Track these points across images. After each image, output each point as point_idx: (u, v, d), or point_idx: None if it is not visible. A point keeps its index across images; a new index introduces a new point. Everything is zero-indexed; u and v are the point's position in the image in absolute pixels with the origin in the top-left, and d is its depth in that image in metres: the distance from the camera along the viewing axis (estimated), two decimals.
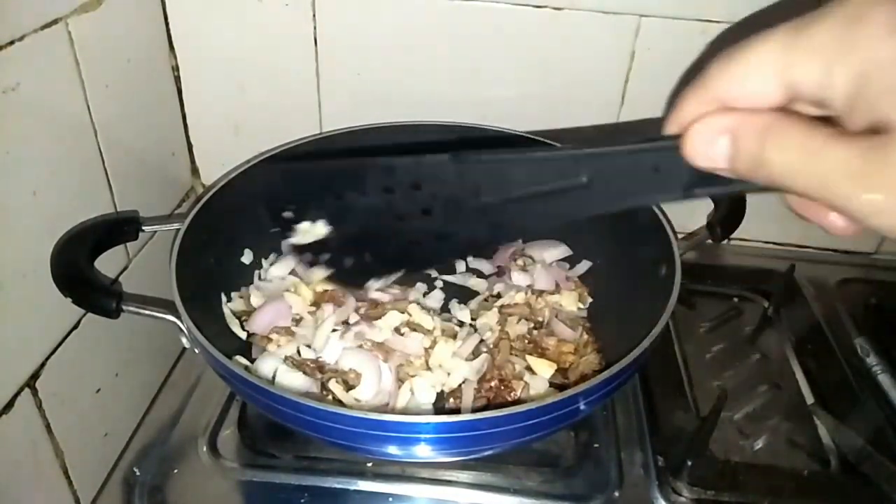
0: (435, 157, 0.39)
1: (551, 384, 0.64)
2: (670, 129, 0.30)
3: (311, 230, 0.44)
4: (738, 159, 0.27)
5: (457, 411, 0.62)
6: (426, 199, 0.39)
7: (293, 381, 0.62)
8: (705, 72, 0.28)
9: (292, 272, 0.74)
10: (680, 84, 0.77)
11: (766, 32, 0.26)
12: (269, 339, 0.66)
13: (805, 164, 0.25)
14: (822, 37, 0.24)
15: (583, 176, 0.33)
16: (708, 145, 0.28)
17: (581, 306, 0.73)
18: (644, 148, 0.31)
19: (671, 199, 0.31)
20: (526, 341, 0.68)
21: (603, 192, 0.33)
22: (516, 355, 0.66)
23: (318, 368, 0.64)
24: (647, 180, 0.31)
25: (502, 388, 0.62)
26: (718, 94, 0.28)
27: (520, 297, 0.72)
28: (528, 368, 0.65)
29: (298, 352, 0.65)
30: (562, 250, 0.79)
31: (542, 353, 0.67)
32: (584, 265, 0.78)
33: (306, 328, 0.68)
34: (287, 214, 0.44)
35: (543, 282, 0.74)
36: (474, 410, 0.61)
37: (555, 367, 0.65)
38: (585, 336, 0.69)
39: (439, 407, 0.63)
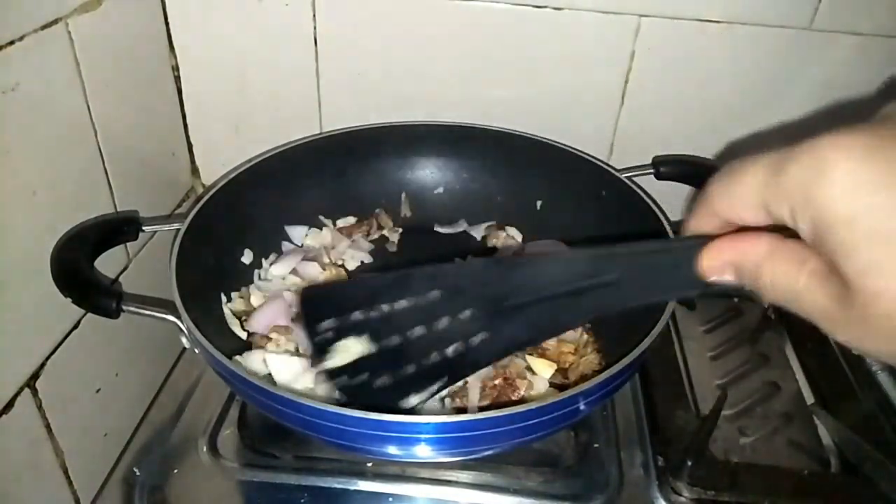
0: (471, 266, 0.44)
1: (551, 384, 0.64)
2: (688, 233, 0.34)
3: (351, 349, 0.44)
4: (744, 282, 0.32)
5: (462, 410, 0.62)
6: (463, 304, 0.41)
7: (285, 364, 0.62)
8: (707, 191, 0.32)
9: (293, 272, 0.74)
10: (681, 84, 0.77)
11: (752, 163, 0.29)
12: (269, 339, 0.66)
13: (790, 299, 0.29)
14: (790, 183, 0.27)
15: (612, 274, 0.36)
16: (718, 271, 0.32)
17: None
18: (666, 248, 0.36)
19: (693, 292, 0.35)
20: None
21: (630, 288, 0.36)
22: (517, 355, 0.66)
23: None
24: (671, 277, 0.35)
25: (506, 386, 0.62)
26: (719, 214, 0.32)
27: None
28: (529, 368, 0.65)
29: (297, 349, 0.66)
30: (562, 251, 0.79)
31: (542, 354, 0.66)
32: None
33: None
34: (327, 336, 0.44)
35: None
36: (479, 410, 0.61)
37: (555, 367, 0.65)
38: (585, 336, 0.69)
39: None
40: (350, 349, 0.43)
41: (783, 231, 0.29)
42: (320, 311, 0.45)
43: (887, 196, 0.24)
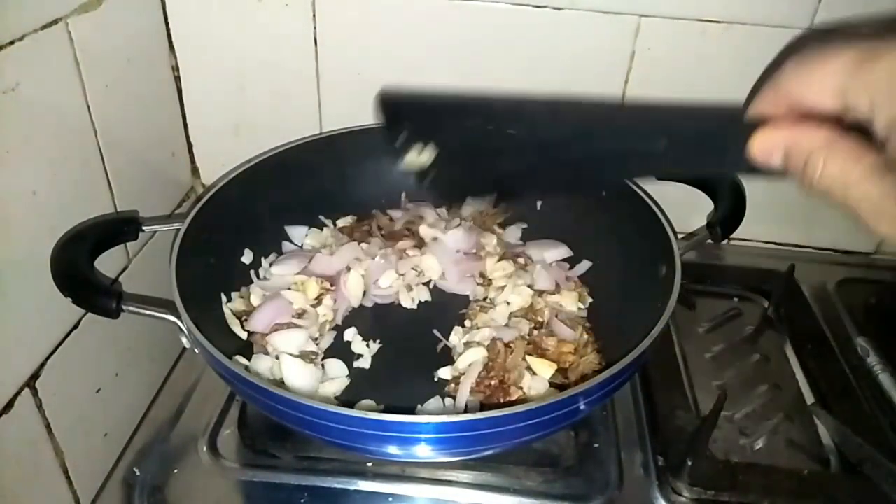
0: (533, 102, 0.45)
1: (551, 384, 0.64)
2: (751, 113, 0.34)
3: (418, 159, 0.48)
4: (790, 169, 0.32)
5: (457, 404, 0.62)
6: (523, 140, 0.44)
7: (296, 368, 0.63)
8: (781, 70, 0.33)
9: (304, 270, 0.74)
10: (683, 83, 0.77)
11: (838, 49, 0.30)
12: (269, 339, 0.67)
13: (840, 189, 0.30)
14: (879, 74, 0.28)
15: (661, 140, 0.37)
16: (767, 155, 0.33)
17: (581, 306, 0.73)
18: (722, 124, 0.36)
19: (736, 171, 0.37)
20: (525, 342, 0.68)
21: (678, 156, 0.37)
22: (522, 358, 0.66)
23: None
24: (719, 153, 0.36)
25: (500, 389, 0.62)
26: (788, 95, 0.32)
27: (522, 299, 0.72)
28: (529, 368, 0.65)
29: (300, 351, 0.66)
30: (562, 251, 0.79)
31: (542, 354, 0.66)
32: (584, 265, 0.78)
33: (309, 321, 0.68)
34: (401, 138, 0.48)
35: (543, 282, 0.74)
36: (470, 409, 0.61)
37: (555, 367, 0.65)
38: (585, 336, 0.69)
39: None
40: (415, 161, 0.48)
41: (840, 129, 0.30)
42: (398, 115, 0.50)
43: None
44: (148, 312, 0.57)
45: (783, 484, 0.58)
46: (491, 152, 0.46)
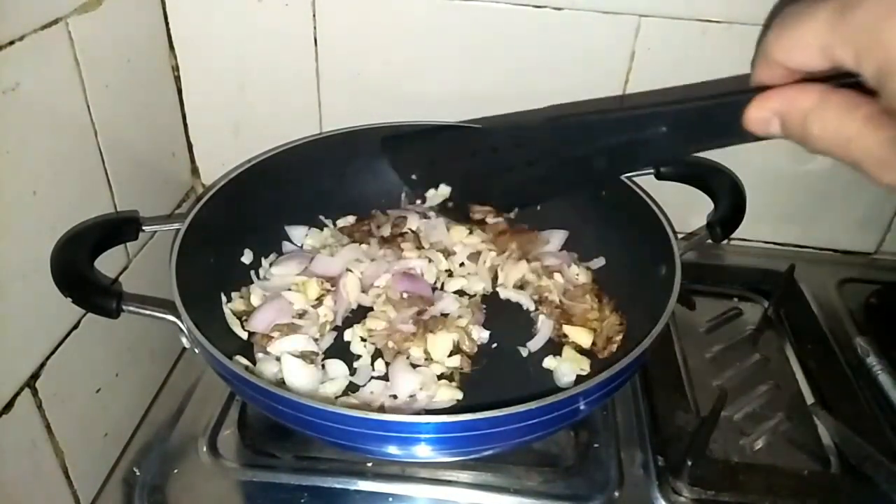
0: (533, 121, 0.48)
1: (581, 351, 0.68)
2: (752, 83, 0.35)
3: (437, 194, 0.52)
4: (788, 133, 0.32)
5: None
6: (529, 153, 0.47)
7: (298, 369, 0.63)
8: (765, 38, 0.33)
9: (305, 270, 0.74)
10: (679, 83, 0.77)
11: (815, 6, 0.29)
12: (270, 338, 0.67)
13: (840, 145, 0.29)
14: (858, 25, 0.27)
15: (663, 126, 0.38)
16: (764, 122, 0.33)
17: (585, 281, 0.76)
18: (715, 104, 0.37)
19: (742, 141, 0.36)
20: (559, 311, 0.72)
21: (681, 139, 0.39)
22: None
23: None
24: (720, 129, 0.37)
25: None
26: (777, 61, 0.32)
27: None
28: (564, 336, 0.69)
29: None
30: (562, 234, 0.80)
31: (568, 319, 0.70)
32: (599, 261, 0.78)
33: (309, 321, 0.68)
34: (413, 177, 0.53)
35: (549, 259, 0.77)
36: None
37: (592, 334, 0.68)
38: (598, 301, 0.72)
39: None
40: (436, 195, 0.53)
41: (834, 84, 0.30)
42: (407, 160, 0.54)
43: None
44: (148, 312, 0.57)
45: (783, 484, 0.58)
46: (502, 172, 0.48)
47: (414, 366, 0.65)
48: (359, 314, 0.73)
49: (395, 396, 0.62)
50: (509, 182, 0.50)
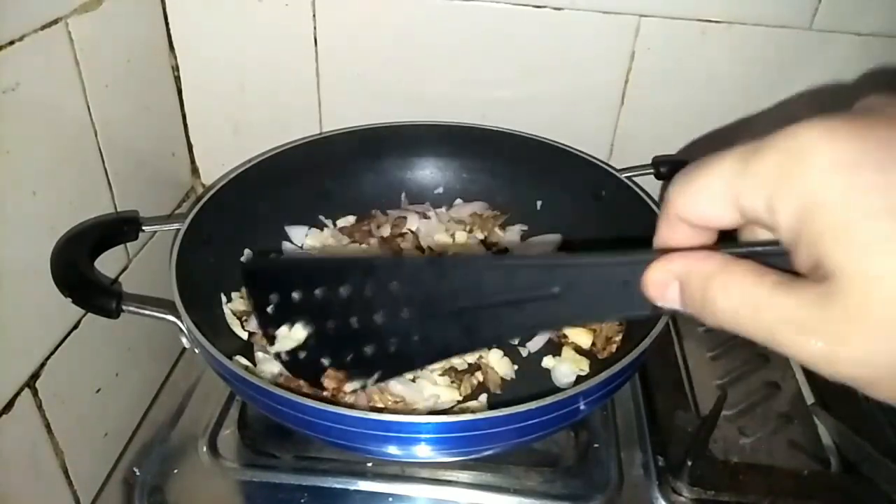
0: (414, 261, 0.41)
1: (580, 352, 0.67)
2: (654, 247, 0.31)
3: (290, 335, 0.46)
4: (688, 303, 0.28)
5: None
6: (404, 299, 0.40)
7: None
8: (668, 192, 0.29)
9: None
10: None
11: (719, 157, 0.26)
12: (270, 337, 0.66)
13: (750, 313, 0.25)
14: (768, 168, 0.24)
15: (555, 286, 0.33)
16: (662, 289, 0.28)
17: None
18: (614, 262, 0.31)
19: (640, 314, 0.31)
20: None
21: (574, 303, 0.33)
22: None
23: None
24: (617, 295, 0.31)
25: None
26: (681, 216, 0.29)
27: None
28: (564, 336, 0.68)
29: None
30: (557, 238, 0.80)
31: None
32: None
33: None
34: (269, 310, 0.46)
35: None
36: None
37: (592, 335, 0.67)
38: None
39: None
40: (287, 336, 0.45)
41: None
42: (265, 286, 0.46)
43: (874, 171, 0.22)
44: (148, 312, 0.57)
45: (783, 484, 0.58)
46: (370, 320, 0.42)
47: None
48: None
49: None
50: (376, 336, 0.43)
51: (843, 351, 0.23)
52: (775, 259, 0.26)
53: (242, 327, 0.68)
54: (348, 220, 0.83)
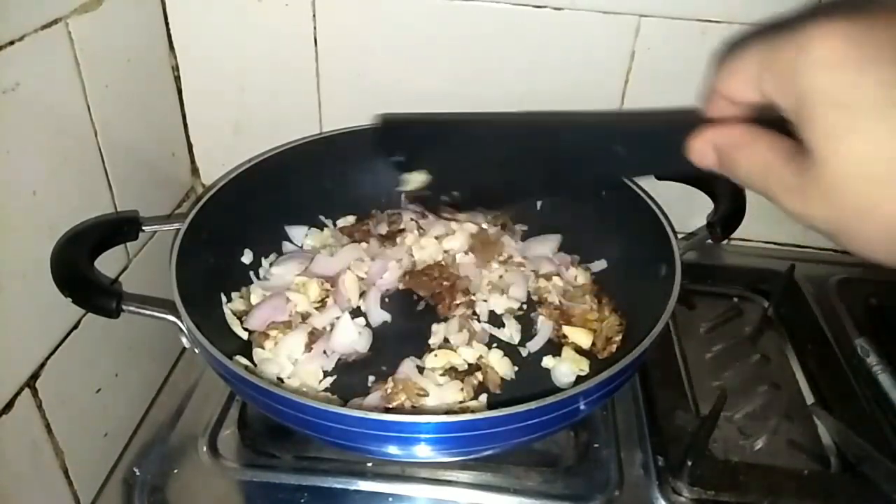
0: (509, 120, 0.49)
1: (580, 352, 0.67)
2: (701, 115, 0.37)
3: (415, 179, 0.51)
4: (721, 166, 0.35)
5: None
6: (505, 151, 0.48)
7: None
8: (714, 70, 0.35)
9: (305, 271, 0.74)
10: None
11: (757, 43, 0.31)
12: (268, 336, 0.67)
13: (761, 175, 0.32)
14: (780, 60, 0.30)
15: (618, 146, 0.40)
16: (703, 154, 0.36)
17: (584, 281, 0.76)
18: (667, 128, 0.39)
19: (687, 170, 0.37)
20: (558, 312, 0.72)
21: (635, 161, 0.41)
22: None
23: None
24: (668, 155, 0.38)
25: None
26: (721, 93, 0.35)
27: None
28: (564, 336, 0.69)
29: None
30: (556, 238, 0.81)
31: (568, 320, 0.70)
32: (600, 264, 0.78)
33: (314, 319, 0.69)
34: (396, 159, 0.52)
35: (546, 266, 0.77)
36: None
37: (592, 335, 0.68)
38: (597, 301, 0.72)
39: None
40: (412, 180, 0.51)
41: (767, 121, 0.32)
42: (395, 141, 0.53)
43: (854, 70, 0.27)
44: (148, 312, 0.57)
45: (783, 484, 0.58)
46: (477, 163, 0.49)
47: (420, 368, 0.65)
48: (358, 314, 0.73)
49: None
50: (482, 176, 0.51)
51: (810, 209, 0.30)
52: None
53: (242, 327, 0.68)
54: (348, 220, 0.83)
